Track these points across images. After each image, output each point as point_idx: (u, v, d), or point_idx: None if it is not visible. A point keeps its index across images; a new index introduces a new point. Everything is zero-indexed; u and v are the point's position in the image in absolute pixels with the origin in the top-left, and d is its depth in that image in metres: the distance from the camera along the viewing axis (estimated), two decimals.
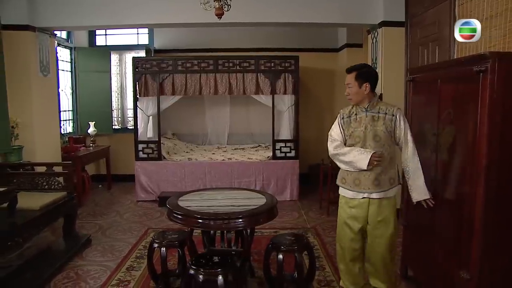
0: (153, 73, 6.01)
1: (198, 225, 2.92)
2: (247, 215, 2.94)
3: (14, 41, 4.83)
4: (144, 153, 6.13)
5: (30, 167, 4.62)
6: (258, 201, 3.20)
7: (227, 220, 2.92)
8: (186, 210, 3.01)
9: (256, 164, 6.04)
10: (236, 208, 3.06)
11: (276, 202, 3.23)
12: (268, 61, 6.00)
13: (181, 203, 3.19)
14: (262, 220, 3.03)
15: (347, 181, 2.89)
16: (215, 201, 3.28)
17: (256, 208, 3.04)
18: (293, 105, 6.07)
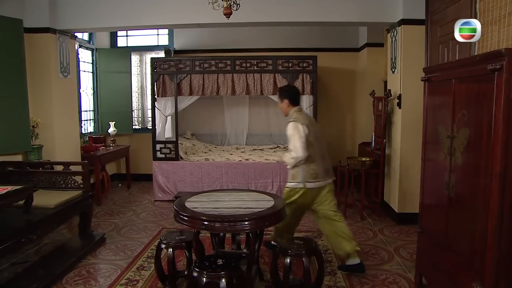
0: (171, 73, 6.05)
1: (203, 227, 2.89)
2: (252, 217, 2.89)
3: (35, 44, 4.96)
4: (162, 153, 6.18)
5: (49, 166, 4.72)
6: (266, 204, 3.15)
7: (232, 222, 2.87)
8: (191, 212, 2.99)
9: (273, 166, 5.99)
10: (242, 210, 3.02)
11: (284, 205, 3.16)
12: (285, 61, 5.94)
13: (188, 204, 3.18)
14: (268, 223, 2.98)
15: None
16: (222, 202, 3.25)
17: (263, 210, 2.99)
18: (311, 105, 5.97)
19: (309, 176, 3.46)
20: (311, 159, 3.44)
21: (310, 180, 3.46)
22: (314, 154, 3.46)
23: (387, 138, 5.25)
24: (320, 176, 3.49)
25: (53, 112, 5.13)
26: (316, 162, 3.47)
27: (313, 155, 3.45)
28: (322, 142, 3.63)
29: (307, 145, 3.38)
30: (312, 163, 3.45)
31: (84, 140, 6.38)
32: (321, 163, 3.51)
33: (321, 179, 3.51)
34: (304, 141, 3.37)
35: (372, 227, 4.84)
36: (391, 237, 4.49)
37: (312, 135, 3.45)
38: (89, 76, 6.96)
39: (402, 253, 4.03)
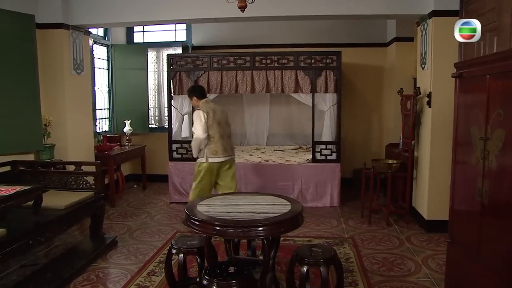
0: (188, 70, 6.06)
1: (215, 232, 2.83)
2: (267, 223, 2.82)
3: (48, 40, 5.04)
4: (178, 153, 6.19)
5: (61, 166, 4.79)
6: (282, 208, 3.08)
7: (246, 228, 2.80)
8: (202, 216, 2.94)
9: (295, 167, 5.92)
10: (257, 215, 2.95)
11: (301, 210, 3.10)
12: (308, 57, 5.85)
13: (199, 207, 3.14)
14: (283, 229, 2.91)
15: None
16: (235, 207, 3.20)
17: (278, 216, 2.92)
18: (335, 104, 5.87)
19: (210, 152, 4.54)
20: (212, 139, 4.53)
21: (211, 156, 4.54)
22: (213, 134, 4.53)
23: (415, 139, 5.11)
24: (220, 153, 4.58)
25: (65, 110, 5.20)
26: (216, 141, 4.55)
27: (213, 135, 4.53)
28: (224, 126, 4.69)
29: (207, 127, 4.46)
30: (212, 143, 4.53)
31: (98, 139, 6.45)
32: (221, 142, 4.58)
33: (221, 155, 4.59)
34: (203, 125, 4.44)
35: (398, 234, 4.70)
36: (419, 246, 4.34)
37: (212, 120, 4.51)
38: (104, 73, 7.04)
39: (430, 264, 3.87)
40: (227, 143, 4.70)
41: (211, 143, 4.54)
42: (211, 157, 4.56)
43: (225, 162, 4.66)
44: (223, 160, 4.62)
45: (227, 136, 4.73)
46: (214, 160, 4.56)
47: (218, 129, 4.59)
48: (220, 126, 4.62)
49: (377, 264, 3.86)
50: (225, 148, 4.63)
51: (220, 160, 4.58)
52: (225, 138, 4.66)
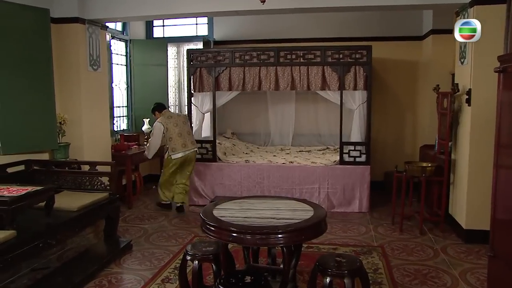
0: (208, 66, 6.04)
1: (230, 239, 2.78)
2: (287, 230, 2.74)
3: (63, 35, 5.09)
4: (198, 153, 6.14)
5: (76, 166, 4.82)
6: (304, 214, 3.00)
7: (264, 235, 2.75)
8: (218, 221, 2.89)
9: (321, 169, 5.82)
10: (276, 221, 2.89)
11: (324, 216, 3.00)
12: (336, 52, 5.74)
13: (216, 212, 3.10)
14: (305, 237, 2.84)
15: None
16: (254, 211, 3.13)
17: (300, 222, 2.84)
18: (365, 102, 5.73)
19: (171, 149, 5.55)
20: (170, 140, 5.52)
21: (172, 152, 5.54)
22: (172, 135, 5.51)
23: (453, 140, 4.93)
24: (178, 149, 5.54)
25: (81, 108, 5.24)
26: (174, 140, 5.52)
27: (172, 136, 5.51)
28: (182, 126, 5.63)
29: (166, 130, 5.49)
30: (171, 141, 5.53)
31: (115, 138, 6.50)
32: (179, 140, 5.54)
33: (180, 151, 5.55)
34: (158, 136, 5.53)
35: (433, 244, 4.51)
36: (456, 258, 4.14)
37: (169, 124, 5.54)
38: (122, 69, 7.10)
39: (470, 279, 3.68)
40: (185, 139, 5.62)
41: (170, 142, 5.54)
42: (173, 154, 5.54)
43: (185, 157, 5.62)
44: (182, 155, 5.58)
45: (186, 133, 5.66)
46: (174, 156, 5.54)
47: (176, 130, 5.56)
48: (178, 127, 5.59)
49: (408, 277, 3.70)
50: (184, 144, 5.58)
51: (179, 155, 5.56)
52: (183, 136, 5.60)
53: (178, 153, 5.56)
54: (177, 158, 5.58)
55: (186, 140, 5.65)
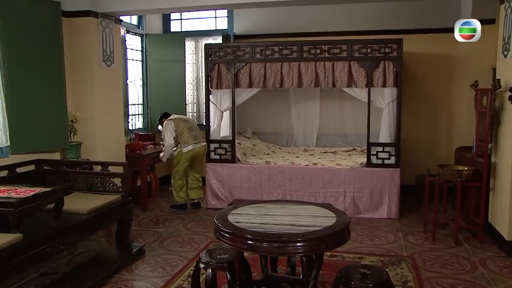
0: (227, 62, 6.01)
1: (245, 246, 2.73)
2: (307, 238, 2.68)
3: (75, 29, 5.13)
4: (216, 153, 6.17)
5: (87, 166, 4.84)
6: (325, 221, 2.93)
7: (282, 243, 2.69)
8: (233, 227, 2.84)
9: (347, 172, 5.72)
10: (295, 228, 2.83)
11: (347, 223, 2.91)
12: (363, 46, 5.62)
13: (231, 217, 3.05)
14: (325, 246, 2.75)
15: None
16: (271, 217, 3.07)
17: (320, 230, 2.77)
18: (395, 100, 5.60)
19: (182, 143, 5.83)
20: (181, 134, 5.83)
21: (183, 145, 5.82)
22: (183, 129, 5.84)
23: (493, 142, 4.77)
24: (190, 142, 5.83)
25: (94, 106, 5.27)
26: (185, 134, 5.83)
27: (183, 131, 5.84)
28: (192, 122, 6.17)
29: (176, 126, 5.84)
30: (182, 135, 5.82)
31: (130, 137, 6.54)
32: (190, 133, 5.87)
33: (191, 144, 5.83)
34: (170, 132, 5.83)
35: (470, 256, 4.34)
36: (497, 272, 3.95)
37: (179, 121, 5.90)
38: (138, 65, 7.13)
39: None
40: (195, 133, 5.97)
41: (181, 136, 5.84)
42: (184, 147, 5.82)
43: (196, 149, 5.90)
44: (193, 147, 5.86)
45: (196, 128, 6.08)
46: (186, 149, 5.82)
47: (186, 125, 5.92)
48: (188, 122, 6.01)
49: None
50: (194, 137, 5.90)
51: (190, 147, 5.83)
52: (193, 130, 5.97)
53: (189, 145, 5.83)
54: (189, 151, 5.83)
55: (197, 134, 5.98)
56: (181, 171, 5.90)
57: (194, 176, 6.10)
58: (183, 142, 5.83)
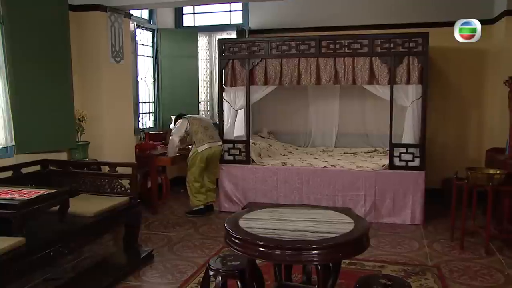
0: (242, 58, 6.00)
1: (257, 254, 2.69)
2: (323, 245, 2.62)
3: (82, 23, 5.14)
4: (230, 154, 6.17)
5: (95, 166, 4.85)
6: (343, 227, 2.86)
7: (295, 250, 2.63)
8: (244, 233, 2.80)
9: (367, 174, 5.67)
10: (310, 235, 2.77)
11: (366, 230, 2.85)
12: (386, 40, 5.55)
13: (242, 222, 3.00)
14: (342, 254, 2.70)
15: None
16: (285, 223, 3.02)
17: (337, 237, 2.70)
18: (420, 98, 5.52)
19: (198, 141, 5.80)
20: (196, 133, 5.82)
21: (199, 145, 5.78)
22: (198, 129, 5.84)
23: None
24: (205, 141, 5.80)
25: (102, 104, 5.28)
26: (200, 133, 5.83)
27: (198, 130, 5.83)
28: (208, 121, 6.20)
29: (190, 125, 5.87)
30: (197, 134, 5.81)
31: (140, 136, 6.56)
32: (205, 132, 5.86)
33: (207, 142, 5.80)
34: (179, 130, 5.94)
35: (503, 267, 4.21)
36: None
37: (194, 120, 5.95)
38: (149, 61, 7.16)
39: None
40: (211, 132, 5.97)
41: (196, 134, 5.83)
42: (199, 146, 5.78)
43: (212, 149, 5.88)
44: (209, 146, 5.83)
45: (212, 128, 6.07)
46: (202, 148, 5.78)
47: (201, 124, 5.93)
48: (203, 121, 6.04)
49: None
50: (210, 136, 5.89)
51: (206, 146, 5.80)
52: (209, 129, 5.97)
53: (205, 144, 5.81)
54: (204, 151, 5.80)
55: (212, 133, 5.98)
56: (196, 172, 5.87)
57: (209, 177, 6.09)
58: (198, 141, 5.80)
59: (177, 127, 5.98)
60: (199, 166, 5.84)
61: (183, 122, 5.94)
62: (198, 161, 5.82)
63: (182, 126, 5.91)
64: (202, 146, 5.78)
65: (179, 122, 6.00)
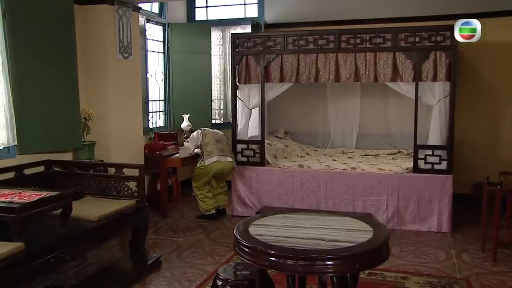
0: (257, 53, 5.96)
1: (267, 264, 2.66)
2: (338, 255, 2.58)
3: (89, 17, 5.14)
4: (244, 155, 6.15)
5: (102, 168, 4.85)
6: (360, 236, 2.83)
7: (309, 261, 2.60)
8: (254, 241, 2.77)
9: (390, 178, 5.60)
10: (325, 244, 2.73)
11: (387, 239, 2.79)
12: (411, 34, 5.44)
13: (252, 229, 2.98)
14: (359, 265, 2.63)
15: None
16: (299, 230, 2.99)
17: (353, 246, 2.66)
18: (447, 96, 5.40)
19: (206, 154, 5.76)
20: (207, 144, 5.80)
21: (206, 157, 5.74)
22: (209, 140, 5.83)
23: None
24: (214, 154, 5.73)
25: (109, 102, 5.28)
26: (210, 144, 5.79)
27: (209, 141, 5.81)
28: (221, 136, 6.02)
29: (203, 137, 5.87)
30: (207, 146, 5.79)
31: (149, 136, 6.57)
32: (216, 145, 5.80)
33: (215, 155, 5.73)
34: (193, 140, 5.94)
35: None
36: None
37: (208, 132, 5.97)
38: (159, 57, 7.17)
39: None
40: (222, 145, 5.89)
41: (206, 146, 5.81)
42: (207, 158, 5.74)
43: (221, 163, 5.79)
44: (218, 160, 5.75)
45: (225, 142, 5.99)
46: (209, 161, 5.73)
47: (213, 136, 5.91)
48: (217, 134, 5.99)
49: None
50: (220, 149, 5.82)
51: (215, 159, 5.73)
52: (221, 143, 5.90)
53: (213, 156, 5.74)
54: (212, 164, 5.74)
55: (224, 147, 5.89)
56: (200, 184, 5.88)
57: (218, 183, 6.11)
58: (206, 154, 5.77)
59: (192, 138, 6.00)
60: (202, 180, 5.86)
61: (197, 133, 5.97)
62: (202, 177, 5.84)
63: (197, 137, 5.93)
64: (210, 159, 5.74)
65: (192, 135, 6.04)
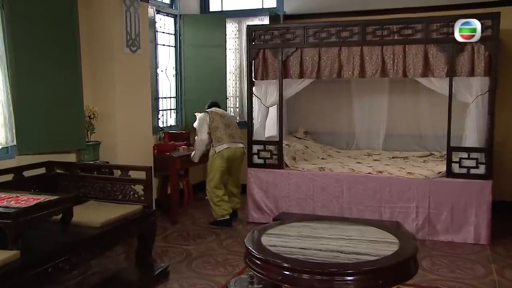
0: (274, 47, 5.94)
1: (280, 278, 2.63)
2: (359, 270, 2.55)
3: (94, 8, 5.14)
4: (260, 157, 6.13)
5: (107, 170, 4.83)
6: (384, 248, 2.79)
7: (326, 275, 2.57)
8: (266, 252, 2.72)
9: (420, 183, 5.50)
10: (344, 257, 2.70)
11: (414, 252, 2.73)
12: (444, 24, 5.28)
13: (265, 238, 2.95)
14: (383, 282, 2.58)
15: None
16: (317, 241, 2.97)
17: (377, 260, 2.61)
18: (486, 93, 5.28)
19: (216, 141, 5.81)
20: (216, 130, 5.84)
21: (216, 144, 5.80)
22: (218, 124, 5.86)
23: None
24: (224, 140, 5.80)
25: (115, 99, 5.27)
26: (220, 130, 5.84)
27: (218, 126, 5.85)
28: (230, 119, 6.19)
29: (211, 121, 5.85)
30: (216, 131, 5.83)
31: (159, 136, 6.57)
32: (225, 130, 5.86)
33: (226, 142, 5.80)
34: (203, 127, 5.88)
35: None
36: None
37: (215, 115, 5.92)
38: (170, 51, 7.20)
39: None
40: (232, 131, 5.98)
41: (215, 132, 5.84)
42: (218, 145, 5.80)
43: (233, 150, 5.88)
44: (229, 147, 5.83)
45: (234, 126, 6.10)
46: (220, 147, 5.79)
47: (223, 121, 5.94)
48: (225, 118, 6.02)
49: None
50: (230, 135, 5.91)
51: (225, 146, 5.80)
52: (230, 127, 5.98)
53: (224, 144, 5.81)
54: (223, 151, 5.80)
55: (234, 132, 6.00)
56: (217, 177, 5.82)
57: (232, 182, 6.13)
58: (216, 140, 5.81)
59: (199, 123, 5.93)
60: (219, 168, 5.82)
61: (204, 116, 5.92)
62: (217, 163, 5.81)
63: (204, 121, 5.88)
64: (220, 145, 5.78)
65: (199, 118, 5.96)
